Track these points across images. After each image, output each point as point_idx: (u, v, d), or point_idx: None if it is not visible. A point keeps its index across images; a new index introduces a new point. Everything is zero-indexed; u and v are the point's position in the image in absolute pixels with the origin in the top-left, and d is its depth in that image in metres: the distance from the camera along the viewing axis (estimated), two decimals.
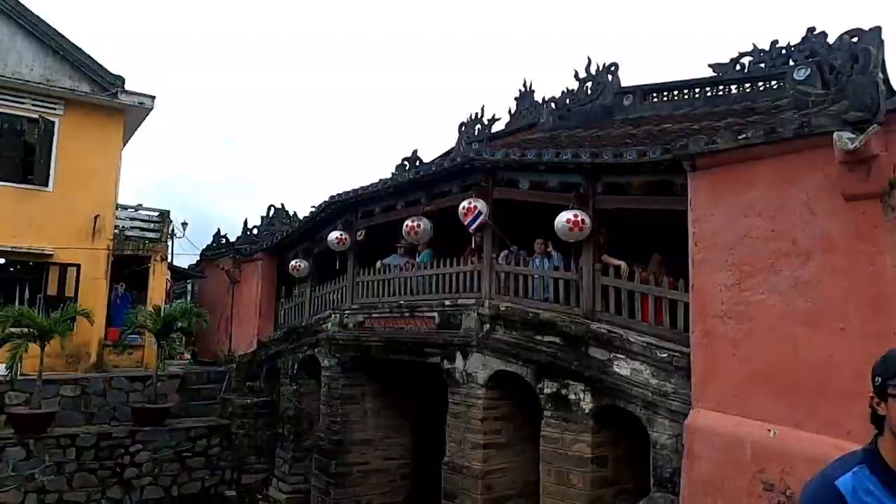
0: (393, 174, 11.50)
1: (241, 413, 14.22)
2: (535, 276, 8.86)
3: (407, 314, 10.57)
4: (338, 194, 12.40)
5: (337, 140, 73.79)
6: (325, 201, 12.76)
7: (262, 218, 17.46)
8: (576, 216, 7.82)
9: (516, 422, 9.24)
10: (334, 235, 12.35)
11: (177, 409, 14.47)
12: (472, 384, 9.04)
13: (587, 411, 7.54)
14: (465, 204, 9.34)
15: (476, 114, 13.70)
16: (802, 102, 5.87)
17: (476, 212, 8.99)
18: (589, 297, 7.99)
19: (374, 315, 11.39)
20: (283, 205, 17.75)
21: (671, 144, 6.85)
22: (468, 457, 8.94)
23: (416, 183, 10.69)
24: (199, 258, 18.99)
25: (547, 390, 8.01)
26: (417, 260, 11.46)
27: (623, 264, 7.85)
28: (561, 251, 8.84)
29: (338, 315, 12.16)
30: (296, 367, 13.47)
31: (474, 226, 9.07)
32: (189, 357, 18.57)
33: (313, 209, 13.48)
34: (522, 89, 12.94)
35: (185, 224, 20.31)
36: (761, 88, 9.30)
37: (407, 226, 10.65)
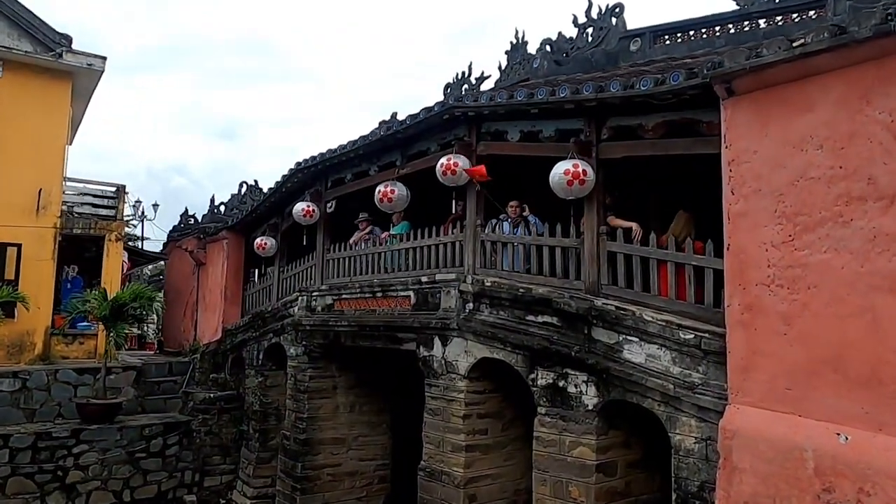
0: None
1: (203, 408, 12.76)
2: (516, 245, 7.39)
3: (379, 294, 9.10)
4: (304, 160, 10.89)
5: (339, 126, 72.27)
6: (292, 168, 11.25)
7: (234, 195, 15.93)
8: (575, 166, 6.32)
9: (505, 419, 7.79)
10: (300, 207, 10.85)
11: (131, 404, 13.02)
12: (453, 375, 7.57)
13: (591, 407, 6.08)
14: (443, 161, 7.85)
15: (463, 73, 12.14)
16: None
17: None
18: (592, 267, 6.51)
19: (343, 296, 9.91)
20: (256, 182, 16.15)
21: (697, 68, 5.36)
22: (448, 461, 7.49)
23: (389, 142, 9.17)
24: (165, 240, 17.49)
25: (541, 381, 6.55)
26: (393, 232, 9.98)
27: (635, 226, 6.37)
28: (541, 216, 7.37)
29: (305, 297, 10.68)
30: (261, 356, 12.02)
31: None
32: (156, 347, 17.13)
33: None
34: (514, 41, 11.39)
35: (156, 205, 18.85)
36: (796, 20, 7.78)
37: (379, 192, 9.16)
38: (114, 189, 14.25)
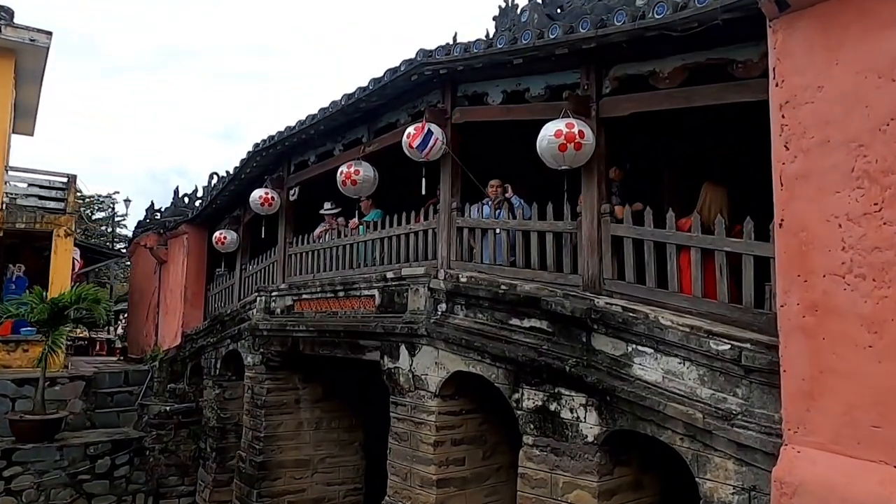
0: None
1: (158, 423, 11.35)
2: (498, 233, 5.98)
3: (341, 294, 7.68)
4: (263, 140, 9.48)
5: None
6: (250, 151, 9.84)
7: (204, 188, 14.51)
8: (569, 127, 4.91)
9: (487, 445, 6.38)
10: (257, 195, 9.47)
11: (79, 418, 11.64)
12: (422, 392, 6.16)
13: (590, 439, 4.66)
14: (410, 131, 6.46)
15: (448, 44, 10.69)
16: None
17: (425, 131, 6.07)
18: (592, 256, 5.09)
19: (303, 296, 8.50)
20: (228, 172, 14.79)
21: None
22: (416, 498, 6.07)
23: (353, 114, 7.76)
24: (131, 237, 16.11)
25: (527, 403, 5.13)
26: (364, 220, 8.58)
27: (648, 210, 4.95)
28: (530, 201, 5.96)
29: (263, 298, 9.26)
30: (219, 365, 10.62)
31: (426, 151, 6.16)
32: (119, 353, 15.76)
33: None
34: (503, 4, 9.97)
35: (127, 201, 17.50)
36: None
37: (342, 173, 7.77)
38: (64, 180, 12.84)
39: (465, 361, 5.75)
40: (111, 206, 29.30)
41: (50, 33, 12.24)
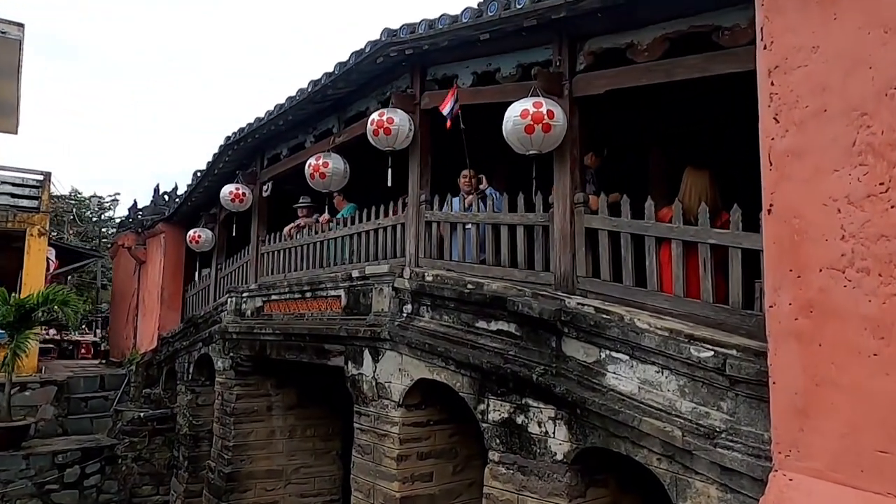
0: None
1: (131, 430, 10.87)
2: (468, 227, 5.46)
3: (308, 295, 7.18)
4: (233, 133, 9.00)
5: None
6: (222, 145, 9.36)
7: (189, 186, 14.05)
8: (537, 106, 4.39)
9: (458, 459, 5.86)
10: (227, 190, 9.01)
11: (50, 425, 11.22)
12: (385, 401, 5.64)
13: (560, 457, 4.13)
14: (374, 117, 5.96)
15: (413, 22, 10.11)
16: None
17: (453, 100, 5.47)
18: (564, 252, 4.57)
19: (272, 298, 8.01)
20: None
21: None
22: None
23: (321, 102, 7.28)
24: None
25: (493, 415, 4.61)
26: (338, 216, 8.08)
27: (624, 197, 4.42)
28: (507, 190, 5.43)
29: (234, 299, 8.77)
30: (191, 369, 10.14)
31: (449, 113, 5.47)
32: (101, 356, 15.30)
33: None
34: None
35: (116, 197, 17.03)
36: None
37: (310, 166, 7.27)
38: (38, 177, 12.40)
39: (430, 368, 5.23)
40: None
41: (22, 25, 11.80)
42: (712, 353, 3.40)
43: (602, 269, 4.39)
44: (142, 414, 11.04)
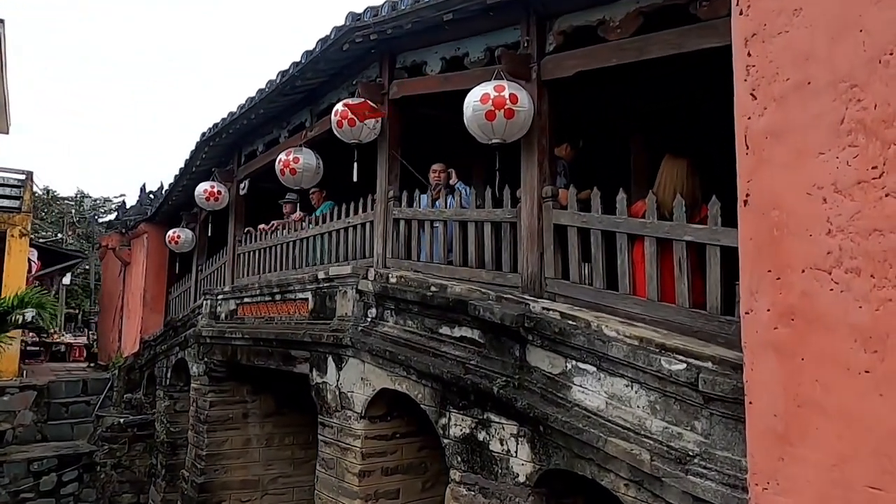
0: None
1: (110, 436, 10.56)
2: (435, 225, 5.06)
3: (278, 297, 6.81)
4: (209, 129, 8.65)
5: None
6: (198, 142, 9.01)
7: (169, 185, 13.71)
8: (498, 90, 3.98)
9: (429, 474, 5.46)
10: (202, 188, 8.67)
11: (29, 431, 10.92)
12: (349, 412, 5.25)
13: (522, 479, 3.71)
14: (338, 108, 5.59)
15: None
16: None
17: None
18: (532, 251, 4.15)
19: (245, 300, 7.64)
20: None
21: None
22: None
23: (291, 94, 6.91)
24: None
25: (454, 430, 4.20)
26: (315, 214, 7.70)
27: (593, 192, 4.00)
28: (484, 185, 5.01)
29: (210, 302, 8.41)
30: (169, 374, 9.80)
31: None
32: (89, 360, 15.02)
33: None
34: None
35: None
36: None
37: (280, 161, 6.91)
38: (20, 177, 12.12)
39: (392, 378, 4.83)
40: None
41: (1, 21, 11.55)
42: (685, 365, 2.98)
43: (571, 270, 3.98)
44: (122, 420, 10.73)
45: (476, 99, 4.04)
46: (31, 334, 13.31)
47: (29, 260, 12.06)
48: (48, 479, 10.02)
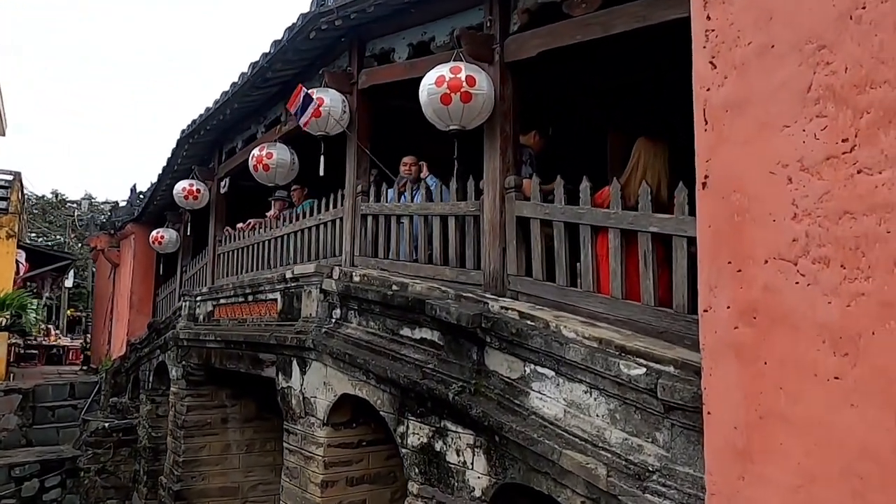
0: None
1: (95, 441, 10.33)
2: (402, 221, 4.77)
3: (251, 298, 6.55)
4: (187, 126, 8.42)
5: None
6: (178, 139, 8.78)
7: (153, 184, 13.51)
8: (455, 71, 3.69)
9: (398, 484, 5.14)
10: (181, 187, 8.45)
11: (13, 435, 10.73)
12: (312, 418, 4.97)
13: (478, 493, 3.41)
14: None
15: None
16: None
17: (302, 95, 4.91)
18: (494, 245, 3.86)
19: (221, 301, 7.39)
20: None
21: None
22: None
23: (265, 88, 6.65)
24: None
25: (412, 439, 3.91)
26: (296, 211, 7.44)
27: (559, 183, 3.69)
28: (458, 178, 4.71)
29: (188, 303, 8.17)
30: (151, 378, 9.57)
31: (304, 119, 5.02)
32: (81, 363, 14.86)
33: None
34: None
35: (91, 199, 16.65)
36: None
37: (253, 157, 6.68)
38: (7, 177, 11.97)
39: (352, 382, 4.54)
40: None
41: None
42: (644, 370, 2.67)
43: (535, 266, 3.67)
44: (107, 424, 10.51)
45: (431, 82, 3.76)
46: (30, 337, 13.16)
47: (17, 261, 11.89)
48: (30, 484, 9.83)
